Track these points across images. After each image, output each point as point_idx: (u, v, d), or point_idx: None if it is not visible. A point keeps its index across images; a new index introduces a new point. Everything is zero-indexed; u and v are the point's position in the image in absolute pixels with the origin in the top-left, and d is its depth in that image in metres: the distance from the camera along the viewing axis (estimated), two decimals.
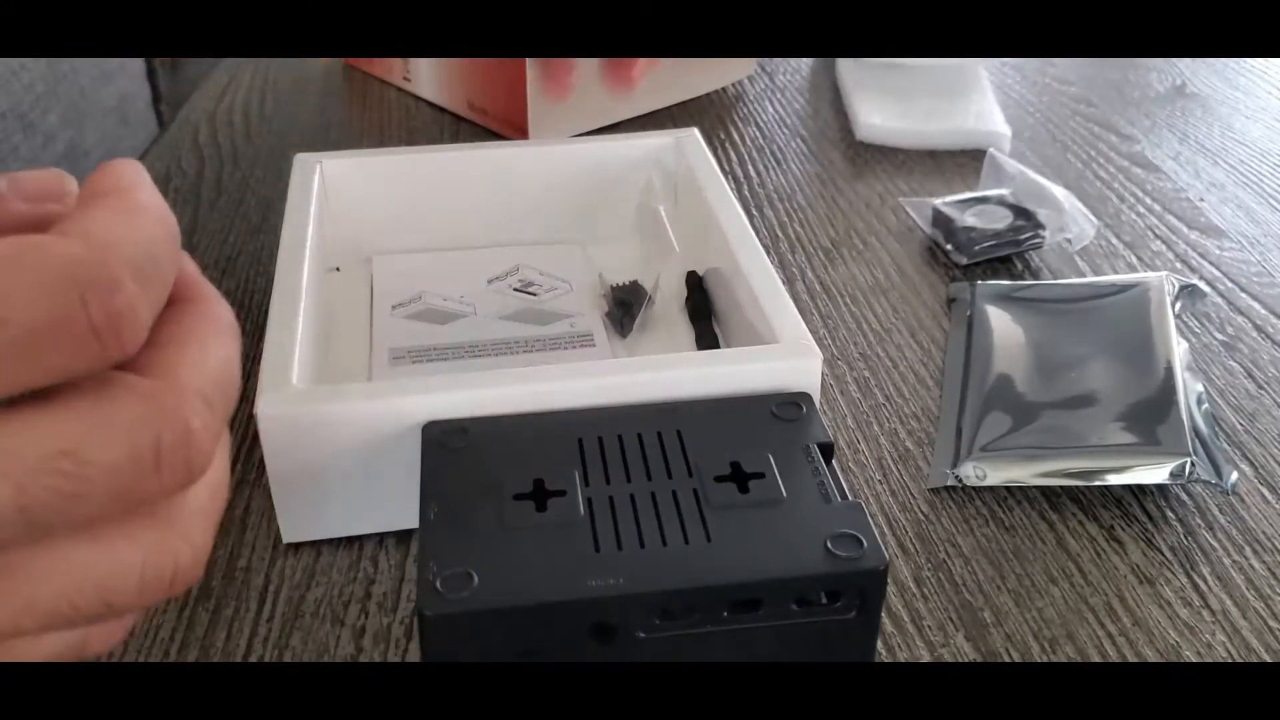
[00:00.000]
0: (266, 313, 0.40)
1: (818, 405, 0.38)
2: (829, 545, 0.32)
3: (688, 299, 0.50)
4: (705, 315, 0.49)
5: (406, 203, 0.54)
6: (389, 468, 0.37)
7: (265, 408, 0.36)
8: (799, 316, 0.41)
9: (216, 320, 0.25)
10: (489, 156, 0.55)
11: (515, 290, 0.51)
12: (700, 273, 0.51)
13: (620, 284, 0.51)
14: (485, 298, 0.51)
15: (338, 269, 0.53)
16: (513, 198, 0.55)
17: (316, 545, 0.39)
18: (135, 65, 0.86)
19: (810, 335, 0.40)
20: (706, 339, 0.48)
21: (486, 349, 0.48)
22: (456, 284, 0.52)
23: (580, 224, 0.55)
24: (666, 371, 0.39)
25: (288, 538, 0.39)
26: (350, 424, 0.37)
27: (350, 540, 0.39)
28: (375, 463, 0.37)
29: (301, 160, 0.52)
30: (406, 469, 0.36)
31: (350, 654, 0.35)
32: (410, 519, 0.34)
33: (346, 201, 0.53)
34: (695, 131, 0.55)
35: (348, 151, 0.54)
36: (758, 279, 0.43)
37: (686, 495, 0.34)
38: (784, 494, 0.34)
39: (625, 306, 0.49)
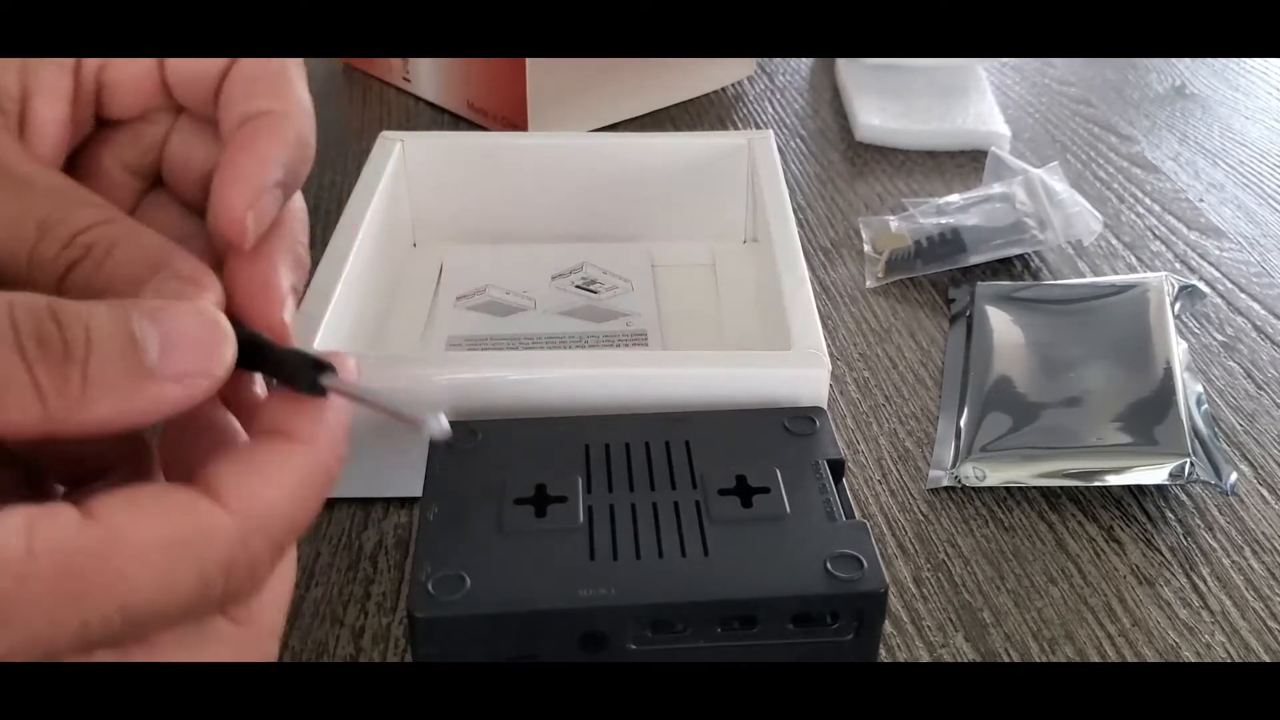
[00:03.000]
0: None
1: (827, 415, 0.38)
2: (828, 565, 0.31)
3: None
4: None
5: (483, 188, 0.56)
6: (395, 437, 0.38)
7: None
8: (819, 327, 0.41)
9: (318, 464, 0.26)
10: (572, 144, 0.56)
11: (577, 287, 0.52)
12: None
13: None
14: (548, 293, 0.52)
15: (414, 244, 0.55)
16: (586, 187, 0.56)
17: (316, 545, 0.39)
18: None
19: (824, 347, 0.40)
20: None
21: (540, 342, 0.48)
22: (522, 278, 0.53)
23: (650, 219, 0.56)
24: (662, 368, 0.39)
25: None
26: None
27: (350, 541, 0.39)
28: (384, 431, 0.38)
29: (384, 138, 0.53)
30: (412, 440, 0.36)
31: (349, 654, 0.35)
32: (417, 489, 0.35)
33: (426, 182, 0.54)
34: (770, 134, 0.55)
35: (432, 133, 0.56)
36: (790, 286, 0.43)
37: (688, 507, 0.34)
38: (788, 510, 0.34)
39: None
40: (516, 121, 0.67)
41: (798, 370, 0.39)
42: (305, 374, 0.26)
